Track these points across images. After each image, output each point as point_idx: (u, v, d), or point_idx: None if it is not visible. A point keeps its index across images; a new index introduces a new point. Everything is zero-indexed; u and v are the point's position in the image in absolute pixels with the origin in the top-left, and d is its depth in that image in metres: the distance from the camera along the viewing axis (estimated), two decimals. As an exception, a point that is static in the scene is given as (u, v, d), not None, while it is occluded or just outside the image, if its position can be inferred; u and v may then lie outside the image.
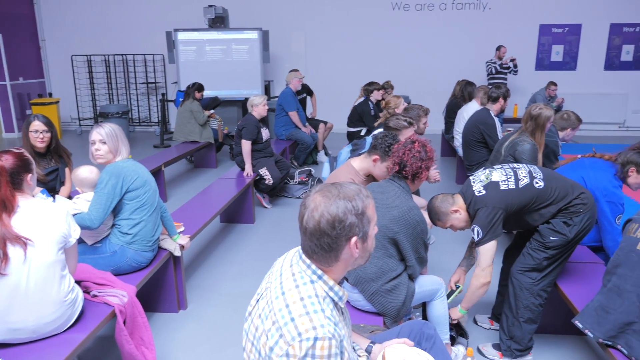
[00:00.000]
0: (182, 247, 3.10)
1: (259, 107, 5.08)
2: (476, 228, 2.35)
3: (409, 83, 9.32)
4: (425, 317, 2.55)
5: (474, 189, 2.42)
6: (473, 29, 9.47)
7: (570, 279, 2.63)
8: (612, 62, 9.48)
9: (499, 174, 2.43)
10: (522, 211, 2.38)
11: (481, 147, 4.74)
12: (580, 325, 2.14)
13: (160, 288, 3.12)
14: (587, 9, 9.24)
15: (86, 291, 2.37)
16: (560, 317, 2.78)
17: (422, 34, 9.61)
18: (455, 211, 2.46)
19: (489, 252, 2.36)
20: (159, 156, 5.89)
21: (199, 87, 6.69)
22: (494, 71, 8.52)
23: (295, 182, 5.66)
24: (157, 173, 5.26)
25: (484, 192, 2.38)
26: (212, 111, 7.02)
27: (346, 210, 1.25)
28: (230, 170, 5.31)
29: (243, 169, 5.05)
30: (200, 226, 3.51)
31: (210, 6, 8.77)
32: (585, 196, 2.40)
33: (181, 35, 8.84)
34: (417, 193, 3.88)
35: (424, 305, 2.55)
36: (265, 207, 5.30)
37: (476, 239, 2.36)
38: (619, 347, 2.00)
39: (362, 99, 6.59)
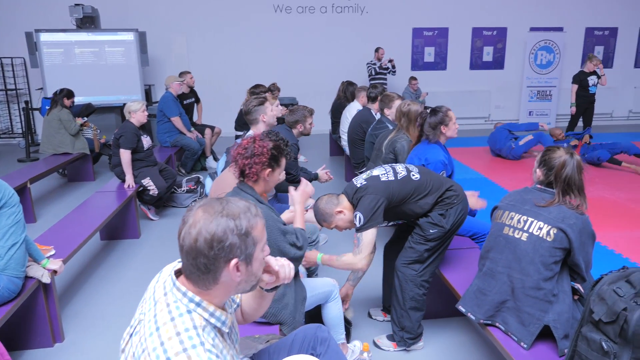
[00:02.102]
0: (54, 272, 2.78)
1: (137, 114, 4.75)
2: (358, 214, 2.41)
3: (295, 84, 9.40)
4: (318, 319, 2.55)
5: (356, 183, 2.51)
6: (353, 32, 9.81)
7: (451, 266, 2.81)
8: (476, 63, 10.45)
9: (379, 170, 2.56)
10: (403, 202, 2.49)
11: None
12: (462, 310, 2.29)
13: (30, 321, 2.76)
14: (453, 13, 10.06)
15: None
16: (445, 302, 2.96)
17: (306, 36, 9.74)
18: (340, 212, 2.50)
19: (370, 239, 2.42)
20: (24, 171, 5.25)
21: (68, 94, 6.09)
22: (374, 72, 8.91)
23: (183, 190, 5.41)
24: (21, 191, 4.68)
25: (366, 182, 2.48)
26: (85, 119, 6.43)
27: (227, 230, 1.15)
28: (109, 183, 4.90)
29: (124, 181, 4.70)
30: (76, 246, 3.18)
31: (77, 5, 8.03)
32: (456, 187, 2.60)
33: (44, 37, 8.00)
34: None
35: (319, 308, 2.55)
36: (152, 220, 4.98)
37: (357, 225, 2.42)
38: (497, 324, 2.17)
39: (248, 102, 6.49)
